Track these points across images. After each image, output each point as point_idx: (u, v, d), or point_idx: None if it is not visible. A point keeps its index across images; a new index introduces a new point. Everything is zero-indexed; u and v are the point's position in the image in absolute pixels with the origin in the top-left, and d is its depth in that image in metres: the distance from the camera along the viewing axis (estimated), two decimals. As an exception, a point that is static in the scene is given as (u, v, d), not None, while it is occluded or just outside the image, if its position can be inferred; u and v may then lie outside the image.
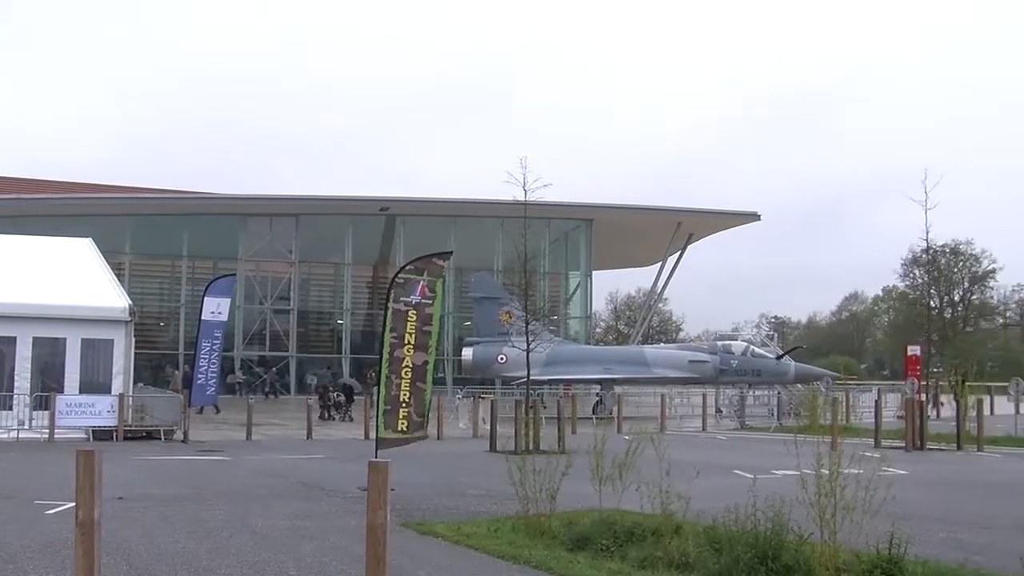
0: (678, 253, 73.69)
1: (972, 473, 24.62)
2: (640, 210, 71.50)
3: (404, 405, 20.17)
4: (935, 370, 62.39)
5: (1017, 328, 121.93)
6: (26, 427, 29.89)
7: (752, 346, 56.00)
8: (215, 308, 40.08)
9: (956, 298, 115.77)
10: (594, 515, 13.40)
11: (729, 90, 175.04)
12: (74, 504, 7.32)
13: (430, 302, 20.47)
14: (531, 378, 32.03)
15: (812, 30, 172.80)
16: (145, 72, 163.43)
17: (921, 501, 16.83)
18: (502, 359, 48.26)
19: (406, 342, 20.24)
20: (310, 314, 73.96)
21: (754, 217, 73.94)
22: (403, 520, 14.60)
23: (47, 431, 29.50)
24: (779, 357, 53.82)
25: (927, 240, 39.02)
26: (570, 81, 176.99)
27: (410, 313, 20.35)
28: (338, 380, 56.28)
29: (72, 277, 33.32)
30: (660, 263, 74.67)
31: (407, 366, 20.25)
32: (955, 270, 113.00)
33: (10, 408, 30.00)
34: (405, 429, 20.36)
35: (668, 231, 70.35)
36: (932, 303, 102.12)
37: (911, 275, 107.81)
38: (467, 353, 52.70)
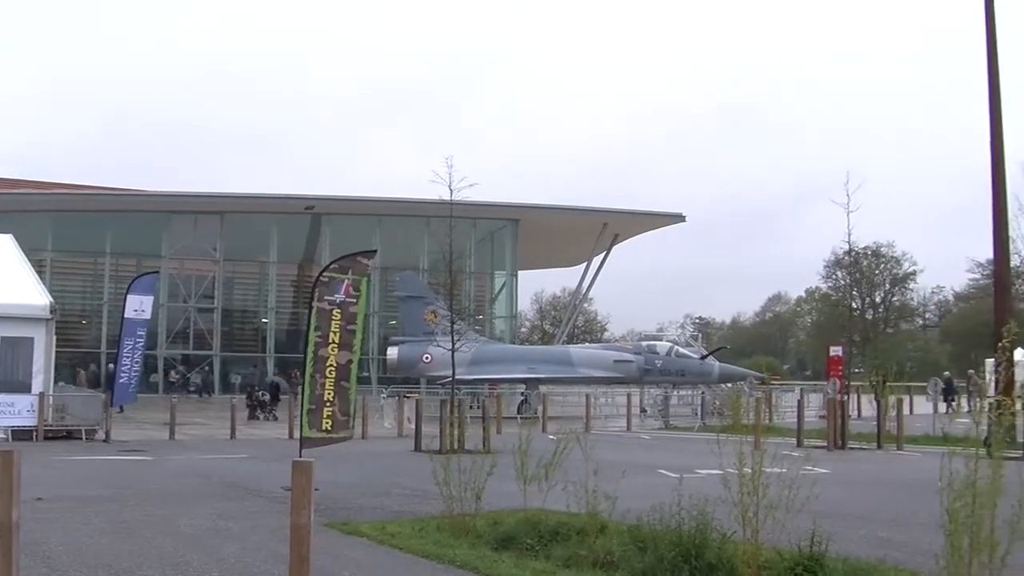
0: (603, 253, 73.93)
1: (892, 472, 24.92)
2: (566, 210, 71.62)
3: (328, 404, 20.05)
4: (856, 370, 63.05)
5: (936, 329, 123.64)
6: (-57, 427, 29.41)
7: (676, 346, 56.47)
8: (138, 306, 39.54)
9: (877, 299, 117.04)
10: (519, 514, 13.40)
11: (660, 94, 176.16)
12: (-9, 505, 7.18)
13: (354, 301, 20.37)
14: (456, 378, 32.00)
15: (742, 35, 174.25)
16: (69, 64, 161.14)
17: (842, 499, 17.01)
18: (427, 358, 48.16)
19: (330, 341, 20.12)
20: (234, 313, 73.42)
21: (679, 218, 74.38)
22: (327, 520, 14.51)
23: (-36, 431, 29.06)
24: (703, 357, 54.24)
25: (849, 242, 39.43)
26: (500, 83, 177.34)
27: (334, 312, 20.24)
28: (265, 379, 55.99)
29: (-9, 274, 32.77)
30: (586, 263, 74.88)
31: (331, 365, 20.13)
32: (876, 272, 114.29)
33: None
34: (329, 428, 20.24)
35: (594, 231, 70.57)
36: (854, 304, 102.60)
37: (833, 277, 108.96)
38: (392, 352, 52.55)
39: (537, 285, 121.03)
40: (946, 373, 58.88)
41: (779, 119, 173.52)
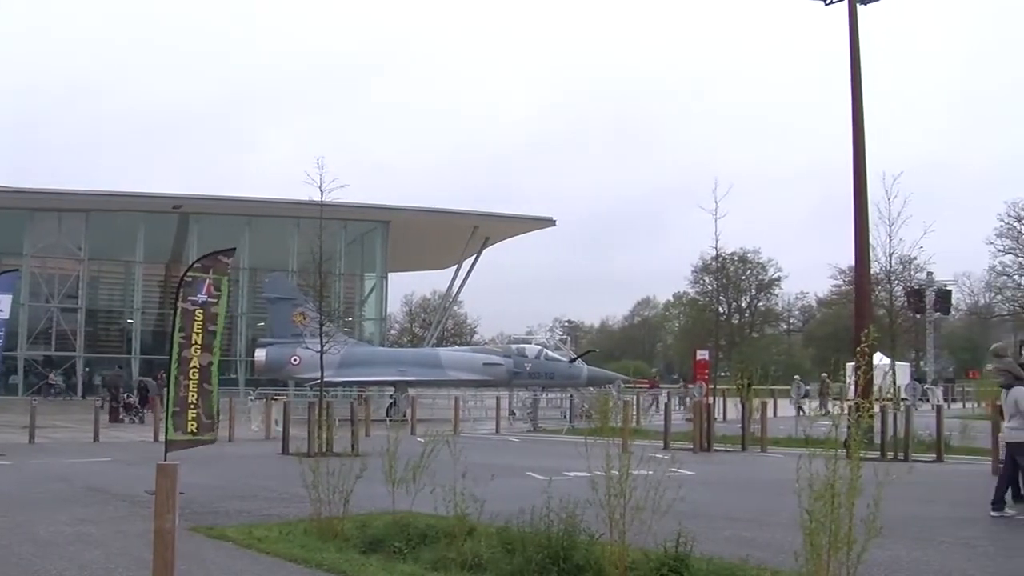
0: (474, 256, 74.13)
1: (756, 473, 25.33)
2: (437, 213, 71.61)
3: (192, 407, 19.76)
4: (722, 374, 64.03)
5: (799, 334, 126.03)
6: None
7: (546, 349, 56.78)
8: (-5, 305, 38.56)
9: (743, 304, 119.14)
10: (387, 517, 13.37)
11: (536, 98, 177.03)
12: None
13: (215, 301, 20.09)
14: (325, 380, 31.82)
15: (617, 41, 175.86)
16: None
17: (708, 501, 17.24)
18: (296, 360, 47.78)
19: (193, 342, 19.82)
20: (99, 313, 72.08)
21: (549, 222, 74.90)
22: (193, 524, 14.32)
23: None
24: (572, 360, 54.62)
25: (716, 248, 40.24)
26: (374, 85, 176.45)
27: (197, 312, 19.94)
28: (134, 380, 55.09)
29: None
30: (456, 266, 75.04)
31: (194, 367, 19.84)
32: (743, 277, 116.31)
33: None
34: (195, 431, 19.96)
35: (464, 234, 70.73)
36: (720, 309, 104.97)
37: (701, 282, 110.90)
38: (260, 354, 52.07)
39: (407, 287, 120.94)
40: (796, 377, 60.05)
41: (651, 126, 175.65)
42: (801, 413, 48.89)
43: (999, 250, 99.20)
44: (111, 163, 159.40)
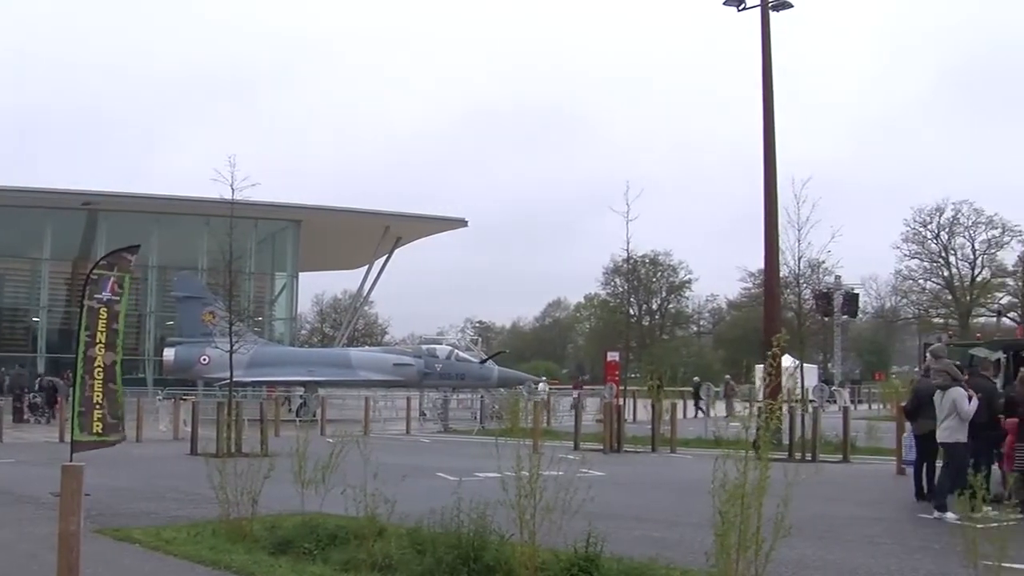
0: (385, 256, 73.91)
1: (665, 474, 25.52)
2: (348, 213, 71.24)
3: (98, 407, 19.45)
4: (633, 375, 64.50)
5: (709, 336, 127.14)
6: None
7: (457, 350, 56.82)
8: None
9: (654, 306, 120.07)
10: (297, 518, 13.29)
11: (451, 98, 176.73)
12: None
13: (118, 299, 19.81)
14: (234, 380, 31.54)
15: (533, 44, 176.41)
16: None
17: (618, 501, 17.32)
18: (205, 360, 47.34)
19: (98, 341, 19.51)
20: (3, 311, 70.80)
21: (461, 223, 74.95)
22: (99, 526, 14.11)
23: None
24: (483, 361, 54.74)
25: (628, 250, 40.44)
26: (289, 84, 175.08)
27: (101, 311, 19.63)
28: (43, 380, 54.22)
29: None
30: (367, 266, 74.75)
31: (99, 366, 19.54)
32: (654, 280, 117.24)
33: None
34: (100, 432, 19.65)
35: (376, 234, 70.48)
36: (631, 311, 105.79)
37: (612, 284, 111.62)
38: (168, 354, 51.56)
39: (318, 287, 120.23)
40: (696, 379, 60.67)
41: (566, 128, 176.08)
42: (700, 414, 49.46)
43: (905, 255, 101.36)
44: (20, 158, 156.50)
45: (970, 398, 17.31)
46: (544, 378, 65.98)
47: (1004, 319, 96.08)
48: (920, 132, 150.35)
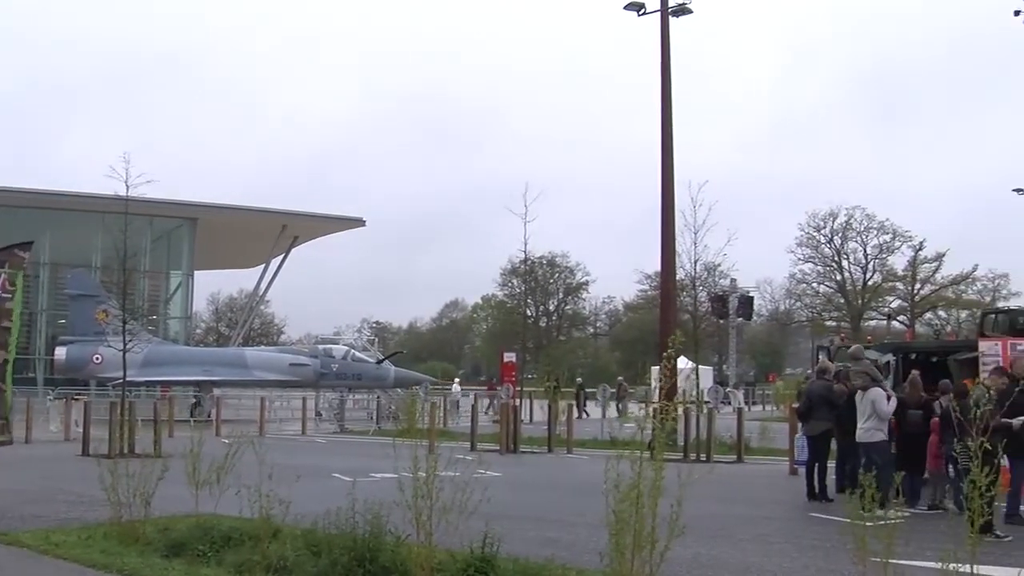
0: (282, 255, 73.35)
1: (561, 474, 25.64)
2: (245, 211, 70.54)
3: (-14, 407, 19.13)
4: (529, 376, 64.68)
5: (606, 337, 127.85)
6: None
7: (353, 350, 56.67)
8: None
9: (551, 308, 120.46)
10: (191, 520, 13.13)
11: (351, 99, 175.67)
12: None
13: (10, 296, 19.50)
14: (128, 379, 31.08)
15: (432, 42, 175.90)
16: None
17: (514, 502, 17.36)
18: (98, 359, 46.70)
19: (-12, 340, 19.20)
20: None
21: (359, 222, 74.56)
22: (-15, 529, 13.86)
23: None
24: (379, 362, 54.60)
25: (525, 251, 40.58)
26: (184, 81, 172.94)
27: (-8, 309, 19.32)
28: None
29: None
30: (264, 265, 74.10)
31: (-9, 365, 19.23)
32: (551, 281, 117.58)
33: None
34: (-12, 433, 19.33)
35: (272, 233, 69.88)
36: (528, 312, 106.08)
37: (510, 285, 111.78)
38: (60, 353, 50.71)
39: (214, 286, 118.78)
40: (579, 380, 61.03)
41: (467, 129, 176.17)
42: (584, 415, 49.73)
43: (799, 259, 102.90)
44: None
45: (889, 398, 17.72)
46: (458, 379, 66.29)
47: (894, 322, 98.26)
48: (818, 137, 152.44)
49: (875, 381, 18.11)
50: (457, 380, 64.50)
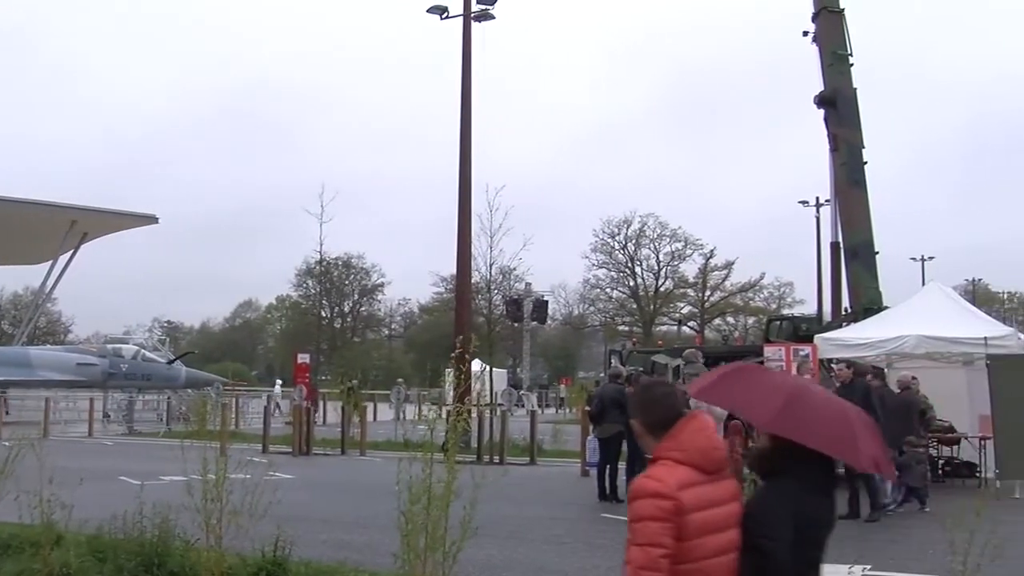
0: (71, 252, 71.37)
1: (355, 476, 25.53)
2: (31, 205, 68.39)
3: None
4: (324, 377, 64.35)
5: (401, 339, 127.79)
6: None
7: (143, 350, 55.63)
8: None
9: (346, 309, 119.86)
10: (-33, 527, 12.68)
11: (156, 95, 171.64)
12: None
13: None
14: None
15: (238, 40, 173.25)
16: None
17: (307, 504, 17.27)
18: None
19: None
20: None
21: (152, 220, 72.91)
22: None
23: None
24: (170, 362, 53.71)
25: (321, 252, 40.44)
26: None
27: None
28: None
29: None
30: (51, 261, 71.99)
31: None
32: (346, 282, 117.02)
33: None
34: None
35: (61, 228, 67.92)
36: (323, 313, 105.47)
37: (305, 285, 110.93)
38: None
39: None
40: (354, 381, 61.25)
41: (262, 131, 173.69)
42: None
43: (593, 264, 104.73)
44: None
45: None
46: (280, 381, 65.49)
47: (684, 327, 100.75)
48: (628, 146, 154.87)
49: None
50: (279, 382, 63.81)
